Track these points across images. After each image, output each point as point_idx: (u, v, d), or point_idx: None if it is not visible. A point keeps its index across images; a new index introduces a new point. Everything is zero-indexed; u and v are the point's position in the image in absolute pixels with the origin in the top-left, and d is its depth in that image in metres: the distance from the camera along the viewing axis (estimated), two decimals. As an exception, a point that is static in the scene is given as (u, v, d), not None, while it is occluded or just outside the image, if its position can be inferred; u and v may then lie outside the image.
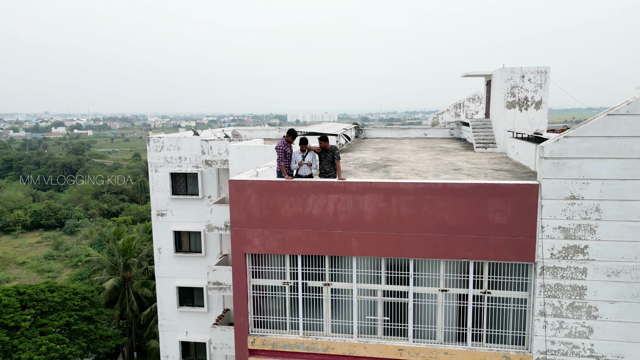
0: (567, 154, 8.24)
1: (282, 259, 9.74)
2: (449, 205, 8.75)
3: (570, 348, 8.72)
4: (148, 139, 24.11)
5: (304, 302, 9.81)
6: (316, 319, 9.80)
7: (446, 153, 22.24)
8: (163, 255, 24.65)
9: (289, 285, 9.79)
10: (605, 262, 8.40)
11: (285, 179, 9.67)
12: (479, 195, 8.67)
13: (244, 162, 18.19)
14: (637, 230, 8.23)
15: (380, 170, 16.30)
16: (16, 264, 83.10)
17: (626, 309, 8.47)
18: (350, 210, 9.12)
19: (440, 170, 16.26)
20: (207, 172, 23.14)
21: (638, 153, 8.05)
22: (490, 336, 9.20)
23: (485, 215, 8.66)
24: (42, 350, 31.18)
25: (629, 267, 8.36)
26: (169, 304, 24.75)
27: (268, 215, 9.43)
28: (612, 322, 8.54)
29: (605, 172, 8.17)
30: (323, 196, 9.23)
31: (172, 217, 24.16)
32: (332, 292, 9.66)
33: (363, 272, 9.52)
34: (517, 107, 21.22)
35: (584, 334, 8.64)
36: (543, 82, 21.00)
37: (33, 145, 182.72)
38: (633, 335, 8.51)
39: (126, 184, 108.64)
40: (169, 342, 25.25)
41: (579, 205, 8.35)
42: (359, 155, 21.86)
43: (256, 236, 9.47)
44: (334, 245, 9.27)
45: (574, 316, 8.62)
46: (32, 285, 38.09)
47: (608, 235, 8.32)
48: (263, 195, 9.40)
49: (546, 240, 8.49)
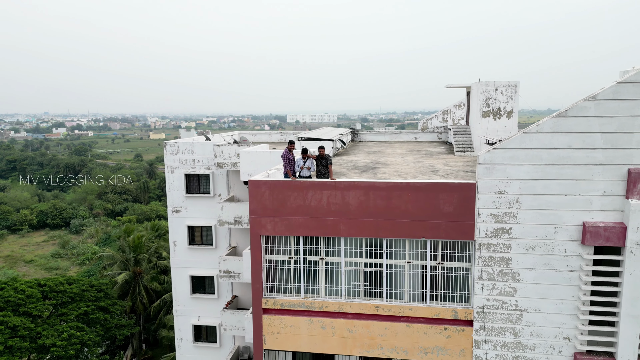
0: (495, 161, 11.51)
1: (287, 239, 13.01)
2: (411, 198, 12.02)
3: (500, 303, 11.98)
4: (165, 143, 27.27)
5: (304, 273, 13.08)
6: (313, 285, 13.07)
7: (429, 156, 25.47)
8: (178, 248, 27.72)
9: (293, 260, 13.06)
10: (524, 240, 11.66)
11: (290, 179, 12.94)
12: (434, 191, 11.95)
13: (253, 164, 21.39)
14: (546, 216, 11.48)
15: (369, 172, 19.55)
16: (24, 262, 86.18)
17: (540, 274, 11.72)
18: (338, 202, 12.39)
19: (420, 172, 19.52)
20: (218, 173, 26.25)
21: (545, 160, 11.30)
22: (444, 296, 12.47)
23: (438, 205, 11.92)
24: (63, 337, 34.04)
25: (541, 244, 11.62)
26: (183, 291, 27.81)
27: (277, 206, 12.70)
28: (531, 284, 11.79)
29: (522, 174, 11.43)
30: (319, 192, 12.49)
31: (186, 213, 27.20)
32: (325, 265, 12.94)
33: (349, 249, 12.78)
34: (491, 116, 24.49)
35: (510, 293, 11.90)
36: (513, 94, 24.28)
37: (35, 146, 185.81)
38: (546, 293, 11.75)
39: (128, 184, 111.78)
40: (182, 326, 28.29)
41: (504, 198, 11.61)
42: (353, 158, 25.11)
43: (268, 222, 12.75)
44: (327, 228, 12.54)
45: (503, 280, 11.88)
46: (52, 278, 41.35)
47: (525, 220, 11.58)
48: (274, 192, 12.67)
49: (482, 224, 11.76)
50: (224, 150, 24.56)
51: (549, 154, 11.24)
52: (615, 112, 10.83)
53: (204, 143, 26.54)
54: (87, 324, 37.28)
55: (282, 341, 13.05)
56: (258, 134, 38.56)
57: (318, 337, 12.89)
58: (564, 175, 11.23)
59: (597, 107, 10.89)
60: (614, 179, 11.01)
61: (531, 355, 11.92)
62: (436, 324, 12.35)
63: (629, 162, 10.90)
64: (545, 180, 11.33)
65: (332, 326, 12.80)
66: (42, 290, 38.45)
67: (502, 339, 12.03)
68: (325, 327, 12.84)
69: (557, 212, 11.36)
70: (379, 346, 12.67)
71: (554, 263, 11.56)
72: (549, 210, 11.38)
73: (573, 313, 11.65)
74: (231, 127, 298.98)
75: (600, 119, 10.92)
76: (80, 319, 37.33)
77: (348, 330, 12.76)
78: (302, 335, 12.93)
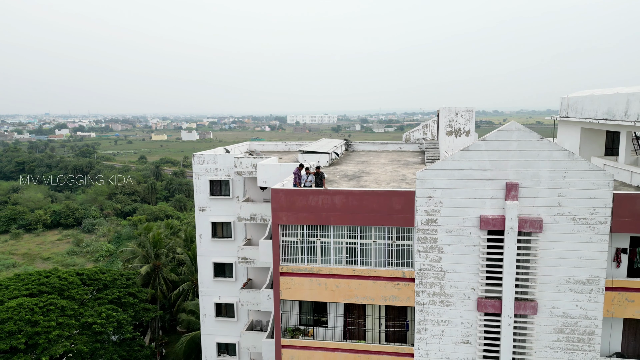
0: (426, 177, 18.81)
1: (296, 227, 20.33)
2: (375, 200, 19.32)
3: (431, 267, 19.27)
4: (193, 155, 34.48)
5: (306, 249, 20.38)
6: (312, 256, 20.40)
7: (405, 166, 32.78)
8: (203, 240, 34.87)
9: (299, 240, 20.37)
10: (445, 226, 18.95)
11: (298, 188, 20.23)
12: (389, 196, 19.26)
13: (267, 174, 28.63)
14: (458, 211, 18.75)
15: (354, 180, 26.89)
16: (42, 259, 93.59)
17: (455, 248, 19.02)
18: (329, 203, 19.68)
19: (392, 179, 26.84)
20: (236, 179, 33.40)
21: (456, 176, 18.58)
22: (396, 263, 19.82)
23: (392, 205, 19.23)
24: (102, 316, 41.18)
25: (455, 229, 18.91)
26: (207, 275, 34.95)
27: (289, 205, 19.98)
28: (449, 254, 19.09)
29: (443, 185, 18.73)
30: (316, 196, 19.76)
31: (210, 211, 34.36)
32: (320, 243, 20.26)
33: (335, 233, 20.09)
34: (453, 135, 31.81)
35: (437, 260, 19.20)
36: (470, 117, 31.60)
37: (39, 147, 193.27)
38: (459, 260, 19.04)
39: (137, 185, 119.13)
40: (206, 304, 35.44)
41: (432, 200, 18.90)
42: (344, 167, 32.45)
43: (284, 215, 20.05)
44: (322, 219, 19.83)
45: (432, 252, 19.18)
46: (88, 268, 48.77)
47: (445, 214, 18.87)
48: (287, 196, 19.97)
49: (418, 217, 19.07)
50: (243, 162, 31.78)
51: (459, 172, 18.56)
52: (497, 148, 18.15)
53: (225, 155, 33.75)
54: (120, 307, 44.36)
55: (292, 293, 20.43)
56: (266, 144, 45.88)
57: (315, 291, 20.25)
58: (468, 186, 18.55)
59: (486, 144, 18.22)
60: (498, 189, 18.34)
61: (451, 300, 19.24)
62: (391, 281, 19.70)
63: (506, 178, 18.22)
64: (457, 189, 18.65)
65: (325, 283, 20.15)
66: (81, 278, 45.80)
67: (433, 289, 19.35)
68: (320, 284, 20.20)
69: (464, 209, 18.68)
70: (355, 296, 20.03)
71: (464, 241, 18.88)
72: (459, 208, 18.71)
73: (476, 272, 18.97)
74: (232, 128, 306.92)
75: (489, 152, 18.25)
76: (114, 302, 44.50)
77: (335, 286, 20.11)
78: (305, 289, 20.30)
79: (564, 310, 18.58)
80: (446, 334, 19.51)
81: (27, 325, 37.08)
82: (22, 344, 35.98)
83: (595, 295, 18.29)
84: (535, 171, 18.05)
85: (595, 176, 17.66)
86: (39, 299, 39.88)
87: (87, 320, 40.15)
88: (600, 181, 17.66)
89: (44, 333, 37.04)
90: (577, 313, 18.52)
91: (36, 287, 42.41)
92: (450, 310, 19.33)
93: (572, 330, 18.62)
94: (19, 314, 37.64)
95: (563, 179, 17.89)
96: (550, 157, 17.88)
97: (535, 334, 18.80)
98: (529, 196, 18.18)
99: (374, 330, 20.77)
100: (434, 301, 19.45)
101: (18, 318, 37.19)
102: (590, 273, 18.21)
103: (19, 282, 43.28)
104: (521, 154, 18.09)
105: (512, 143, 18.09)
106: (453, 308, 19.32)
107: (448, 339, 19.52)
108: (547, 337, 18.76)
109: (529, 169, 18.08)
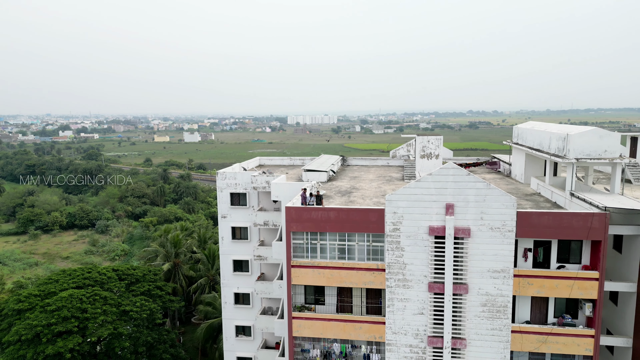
0: (392, 198, 28.05)
1: (302, 233, 29.62)
2: (357, 214, 28.60)
3: (396, 260, 28.53)
4: (217, 172, 43.63)
5: (310, 248, 29.66)
6: (314, 254, 29.70)
7: (388, 183, 42.03)
8: (224, 241, 44.02)
9: (305, 242, 29.66)
10: (405, 233, 28.21)
11: (304, 206, 29.49)
12: (367, 212, 28.54)
13: (279, 190, 37.78)
14: (414, 222, 27.97)
15: (346, 196, 36.15)
16: (61, 258, 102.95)
17: (413, 248, 28.28)
18: (325, 216, 28.95)
19: (375, 195, 36.09)
20: (252, 192, 42.52)
21: (413, 199, 27.80)
22: (373, 258, 29.16)
23: (369, 217, 28.50)
24: (137, 305, 50.21)
25: (413, 234, 28.16)
26: (227, 270, 44.11)
27: (298, 218, 29.24)
28: (409, 252, 28.35)
29: (403, 204, 27.98)
30: (317, 212, 29.04)
31: (230, 218, 43.51)
32: (320, 244, 29.54)
33: (330, 237, 29.38)
34: (425, 158, 41.05)
35: (400, 256, 28.48)
36: (439, 144, 40.83)
37: (46, 149, 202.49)
38: (415, 256, 28.27)
39: (146, 188, 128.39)
40: (227, 294, 44.57)
41: (396, 214, 28.15)
42: (339, 183, 41.73)
43: (294, 225, 29.34)
44: (320, 227, 29.13)
45: (397, 250, 28.43)
46: (121, 264, 58.13)
47: (406, 224, 28.11)
48: (297, 212, 29.24)
49: (387, 226, 28.36)
50: (258, 179, 40.98)
51: (414, 196, 27.84)
52: (439, 180, 27.41)
53: (243, 173, 42.95)
54: (150, 298, 53.38)
55: (300, 280, 29.80)
56: (273, 159, 55.09)
57: (316, 278, 29.58)
58: (420, 205, 27.80)
59: (432, 177, 27.49)
60: (440, 207, 27.60)
61: (410, 284, 28.52)
62: (369, 271, 29.00)
63: (446, 200, 27.49)
64: (413, 207, 27.91)
65: (323, 273, 29.45)
66: (117, 273, 55.13)
67: (397, 277, 28.63)
68: (319, 273, 29.51)
69: (418, 221, 27.94)
70: (344, 282, 29.35)
71: (418, 243, 28.16)
72: (414, 220, 27.97)
73: (427, 265, 28.24)
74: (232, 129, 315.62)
75: (434, 182, 27.52)
76: (144, 294, 53.54)
77: (330, 275, 29.42)
78: (309, 277, 29.63)
79: (486, 290, 27.87)
80: (407, 308, 28.82)
81: (78, 312, 46.28)
82: (75, 327, 45.17)
83: (507, 280, 27.57)
84: (465, 196, 27.34)
85: (505, 199, 26.95)
86: (85, 291, 49.18)
87: (125, 309, 49.28)
88: (508, 203, 26.96)
89: (92, 318, 46.21)
90: (495, 292, 27.80)
91: (81, 281, 51.77)
92: (410, 291, 28.63)
93: (492, 304, 27.90)
94: (70, 302, 46.88)
95: (483, 201, 27.18)
96: (475, 186, 27.17)
97: (467, 307, 28.10)
98: (461, 212, 27.47)
99: (358, 305, 30.16)
100: (398, 285, 28.72)
101: (70, 306, 46.41)
102: (503, 265, 27.49)
103: (66, 277, 52.63)
104: (456, 184, 27.38)
105: (449, 177, 27.37)
106: (412, 290, 28.62)
107: (409, 311, 28.83)
108: (475, 309, 28.06)
109: (461, 194, 27.37)
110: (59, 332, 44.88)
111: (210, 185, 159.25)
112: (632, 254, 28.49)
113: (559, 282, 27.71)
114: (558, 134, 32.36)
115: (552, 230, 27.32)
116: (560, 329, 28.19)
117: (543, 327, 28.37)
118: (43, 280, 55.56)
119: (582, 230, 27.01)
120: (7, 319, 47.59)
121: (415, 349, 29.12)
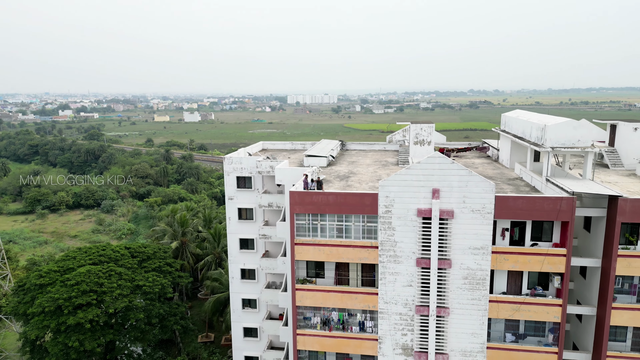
0: (385, 184, 31.72)
1: (305, 215, 33.39)
2: (354, 198, 32.33)
3: (388, 238, 32.38)
4: (224, 158, 47.15)
5: (311, 228, 33.47)
6: (315, 233, 33.52)
7: (384, 167, 45.64)
8: (231, 221, 47.82)
9: (306, 222, 33.46)
10: (396, 215, 31.96)
11: (306, 191, 33.17)
12: (362, 196, 32.26)
13: (282, 175, 41.37)
14: (404, 205, 31.69)
15: (344, 180, 39.82)
16: (69, 237, 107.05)
17: (403, 227, 32.07)
18: (324, 200, 32.68)
19: (371, 179, 39.75)
20: (257, 176, 46.14)
21: (403, 184, 31.47)
22: (367, 237, 33.03)
23: (364, 201, 32.23)
24: (150, 281, 54.25)
25: (403, 215, 31.91)
26: (234, 248, 48.03)
27: (300, 201, 32.98)
28: (399, 232, 32.16)
29: (395, 189, 31.66)
30: (317, 196, 32.75)
31: (237, 200, 47.21)
32: (320, 224, 33.33)
33: (330, 218, 33.15)
34: (419, 144, 44.59)
35: (392, 235, 32.32)
36: (431, 131, 44.31)
37: (47, 129, 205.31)
38: (405, 235, 32.08)
39: (150, 169, 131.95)
40: (234, 270, 48.59)
41: (388, 198, 31.86)
42: (338, 168, 45.35)
43: (297, 207, 33.09)
44: (321, 209, 32.90)
45: (389, 229, 32.24)
46: (133, 243, 62.11)
47: (397, 207, 31.84)
48: (299, 195, 32.96)
49: (380, 208, 32.10)
50: (262, 164, 44.57)
51: (404, 182, 31.51)
52: (427, 167, 31.05)
53: (248, 158, 46.49)
54: (161, 274, 57.34)
55: (302, 256, 33.72)
56: (276, 144, 58.57)
57: (317, 254, 33.50)
58: (410, 190, 31.50)
59: (420, 165, 31.12)
60: (427, 192, 31.31)
61: (400, 260, 32.41)
62: (364, 248, 32.88)
63: (432, 185, 31.17)
64: (403, 192, 31.61)
65: (323, 250, 33.34)
66: (129, 251, 59.13)
67: (389, 253, 32.50)
68: (320, 250, 33.40)
69: (407, 204, 31.67)
70: (342, 258, 33.29)
71: (408, 223, 31.94)
72: (404, 203, 31.69)
73: (415, 243, 32.08)
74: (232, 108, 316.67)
75: (422, 169, 31.16)
76: (156, 270, 57.52)
77: (329, 251, 33.31)
78: (310, 253, 33.54)
79: (467, 265, 31.78)
80: (397, 281, 32.79)
81: (95, 286, 50.35)
82: (93, 300, 49.29)
83: (485, 256, 31.46)
84: (449, 181, 31.03)
85: (484, 185, 30.65)
86: (101, 267, 53.23)
87: (138, 283, 53.33)
88: (488, 187, 30.68)
89: (109, 292, 50.31)
90: (475, 267, 31.71)
91: (97, 258, 55.83)
92: (400, 266, 32.56)
93: (473, 277, 31.85)
94: (88, 277, 50.94)
95: (466, 186, 30.88)
96: (458, 173, 30.83)
97: (450, 280, 32.07)
98: (446, 196, 31.20)
99: (354, 279, 34.15)
100: (390, 260, 32.63)
101: (89, 280, 50.47)
102: (482, 243, 31.35)
103: (83, 254, 56.68)
104: (441, 171, 31.04)
105: (436, 165, 31.02)
106: (401, 265, 32.54)
107: (399, 284, 32.80)
108: (458, 282, 32.02)
109: (446, 180, 31.06)
110: (79, 304, 49.04)
111: (212, 165, 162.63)
112: (599, 233, 32.34)
113: (531, 257, 31.64)
114: (537, 124, 35.89)
115: (526, 212, 31.12)
116: (532, 299, 32.22)
117: (517, 297, 32.40)
118: (61, 257, 59.61)
119: (552, 212, 30.80)
120: (30, 292, 51.74)
121: (404, 317, 33.19)
